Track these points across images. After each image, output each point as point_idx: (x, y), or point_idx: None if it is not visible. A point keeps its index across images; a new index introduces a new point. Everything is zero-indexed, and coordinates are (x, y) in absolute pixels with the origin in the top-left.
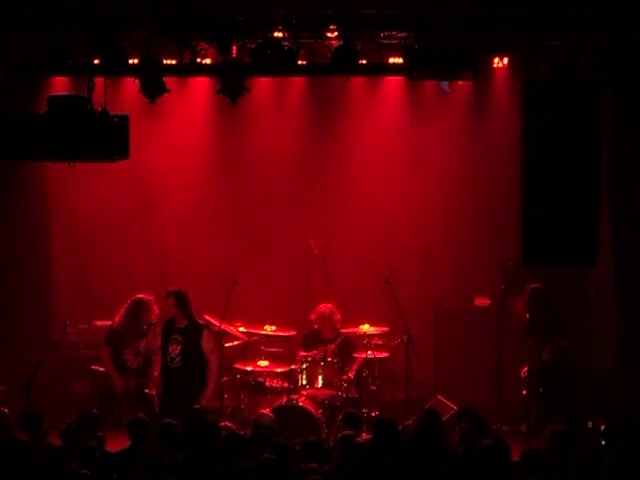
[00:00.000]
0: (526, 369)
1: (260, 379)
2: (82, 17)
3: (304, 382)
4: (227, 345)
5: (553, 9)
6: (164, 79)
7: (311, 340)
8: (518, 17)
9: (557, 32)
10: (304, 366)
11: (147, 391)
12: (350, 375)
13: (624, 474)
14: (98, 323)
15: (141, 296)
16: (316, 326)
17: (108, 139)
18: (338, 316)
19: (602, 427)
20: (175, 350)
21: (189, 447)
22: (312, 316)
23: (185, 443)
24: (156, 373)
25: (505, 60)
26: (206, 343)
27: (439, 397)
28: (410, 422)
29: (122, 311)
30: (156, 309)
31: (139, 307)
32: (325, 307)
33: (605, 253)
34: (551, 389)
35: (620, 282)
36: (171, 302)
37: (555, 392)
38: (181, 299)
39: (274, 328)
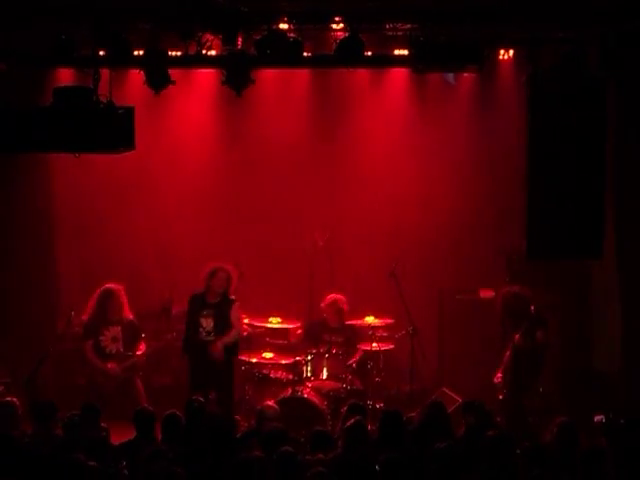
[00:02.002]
0: (499, 375)
1: (265, 371)
2: (87, 9)
3: (309, 374)
4: None
5: (558, 2)
6: (169, 71)
7: (315, 330)
8: (523, 9)
9: (562, 25)
10: (309, 358)
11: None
12: (352, 363)
13: (628, 469)
14: None
15: (110, 286)
16: (325, 315)
17: (113, 131)
18: (345, 307)
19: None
20: (210, 324)
21: (193, 439)
22: (322, 304)
23: (189, 435)
24: (139, 352)
25: (510, 52)
26: (234, 312)
27: (444, 389)
28: (415, 414)
29: (91, 303)
30: (124, 298)
31: (107, 296)
32: (335, 296)
33: (609, 250)
34: (519, 375)
35: (624, 281)
36: (225, 276)
37: (521, 379)
38: (232, 277)
39: (279, 320)
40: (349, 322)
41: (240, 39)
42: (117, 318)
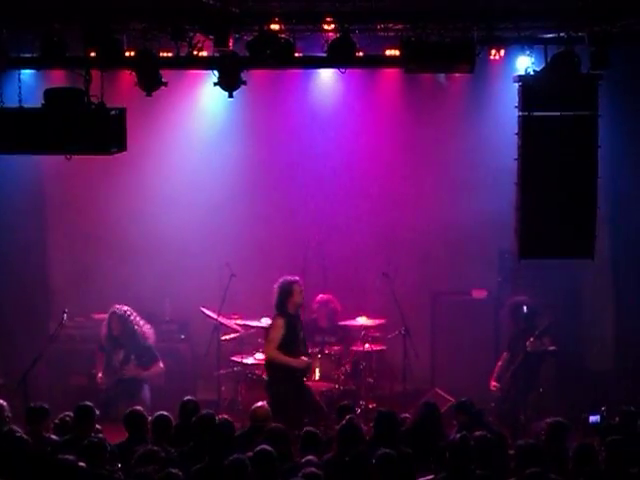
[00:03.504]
0: (494, 383)
1: (257, 371)
2: (78, 10)
3: None
4: (224, 338)
5: (549, 1)
6: (160, 72)
7: (308, 330)
8: (515, 9)
9: (554, 24)
10: None
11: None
12: (347, 367)
13: (619, 467)
14: (96, 316)
15: (114, 309)
16: (315, 315)
17: (105, 132)
18: (337, 307)
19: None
20: (304, 338)
21: (185, 440)
22: (313, 304)
23: (180, 436)
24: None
25: (502, 52)
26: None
27: (437, 390)
28: (408, 415)
29: (104, 322)
30: (131, 322)
31: (111, 320)
32: (326, 297)
33: (602, 250)
34: (524, 379)
35: (617, 281)
36: (301, 287)
37: (524, 383)
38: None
39: (271, 321)
40: (341, 323)
41: (231, 40)
42: (125, 341)
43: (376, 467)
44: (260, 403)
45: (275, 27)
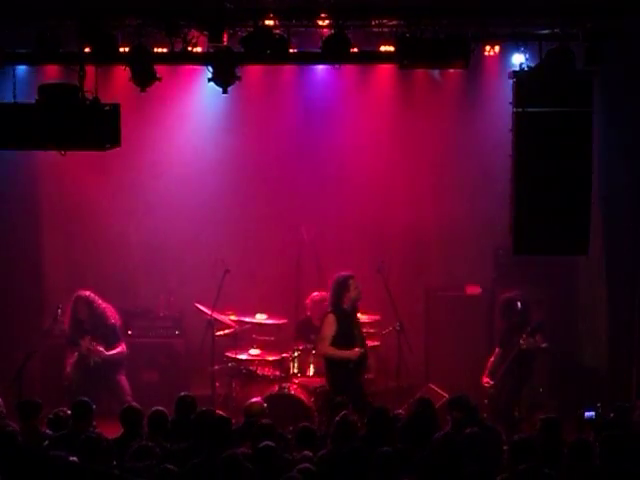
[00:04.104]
0: (486, 379)
1: (252, 367)
2: (73, 5)
3: (295, 370)
4: (219, 333)
5: None
6: (155, 67)
7: (303, 328)
8: (509, 5)
9: (548, 20)
10: (295, 354)
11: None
12: None
13: (614, 462)
14: None
15: (78, 293)
16: (309, 312)
17: (99, 128)
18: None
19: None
20: (359, 334)
21: (181, 435)
22: (307, 302)
23: (177, 431)
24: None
25: (496, 48)
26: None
27: (431, 385)
28: (402, 411)
29: (68, 312)
30: (96, 304)
31: (76, 304)
32: (321, 294)
33: (596, 247)
34: (518, 376)
35: (611, 278)
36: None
37: (517, 380)
38: None
39: (265, 316)
40: None
41: (226, 36)
42: (91, 325)
43: (372, 464)
44: (254, 399)
45: (270, 23)
